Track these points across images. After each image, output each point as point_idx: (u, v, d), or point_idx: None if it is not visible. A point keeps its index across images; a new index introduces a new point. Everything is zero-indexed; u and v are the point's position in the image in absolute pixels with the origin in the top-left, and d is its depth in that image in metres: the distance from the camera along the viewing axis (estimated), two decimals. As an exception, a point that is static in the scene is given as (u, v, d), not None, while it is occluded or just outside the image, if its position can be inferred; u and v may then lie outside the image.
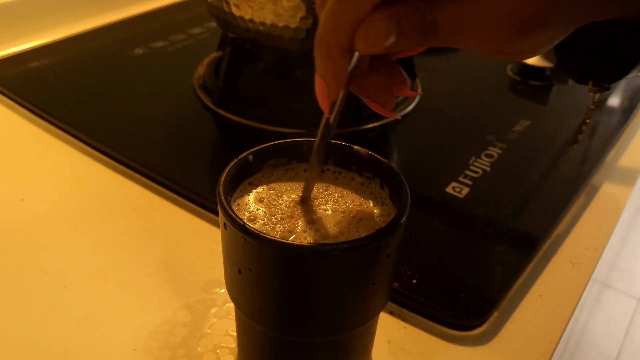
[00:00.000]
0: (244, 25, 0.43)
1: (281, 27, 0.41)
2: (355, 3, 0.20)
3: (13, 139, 0.46)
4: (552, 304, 0.34)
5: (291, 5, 0.40)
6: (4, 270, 0.34)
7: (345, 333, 0.25)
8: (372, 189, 0.26)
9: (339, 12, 0.21)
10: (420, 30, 0.21)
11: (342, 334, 0.25)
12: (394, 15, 0.20)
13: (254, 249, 0.22)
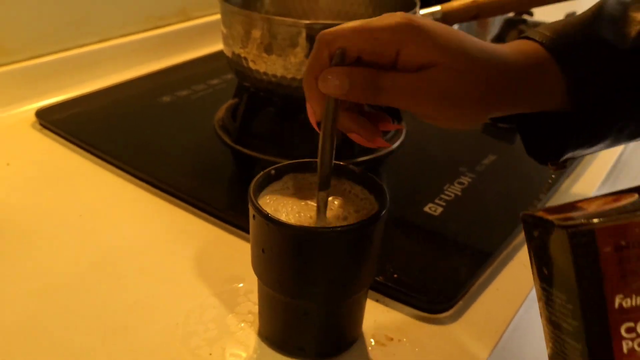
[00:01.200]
0: (259, 77, 0.53)
1: (289, 78, 0.51)
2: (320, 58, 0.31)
3: (63, 168, 0.56)
4: (506, 295, 0.43)
5: (297, 61, 0.50)
6: (76, 268, 0.43)
7: (342, 300, 0.34)
8: (363, 195, 0.36)
9: (311, 61, 0.31)
10: (368, 85, 0.31)
11: (339, 300, 0.34)
12: (348, 70, 0.30)
13: (274, 232, 0.31)
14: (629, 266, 0.21)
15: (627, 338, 0.22)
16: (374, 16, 0.33)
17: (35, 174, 0.55)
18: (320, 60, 0.31)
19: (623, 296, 0.22)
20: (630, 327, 0.22)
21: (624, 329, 0.22)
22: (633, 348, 0.22)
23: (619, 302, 0.22)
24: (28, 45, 0.68)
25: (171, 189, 0.51)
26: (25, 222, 0.47)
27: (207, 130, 0.61)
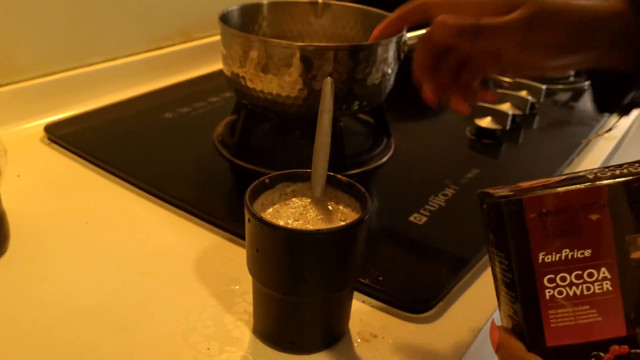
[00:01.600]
0: (256, 94, 0.57)
1: (284, 96, 0.55)
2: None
3: (70, 180, 0.59)
4: (483, 298, 0.46)
5: (291, 80, 0.54)
6: (83, 270, 0.46)
7: (327, 296, 0.37)
8: (348, 201, 0.39)
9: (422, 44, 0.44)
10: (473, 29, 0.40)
11: (326, 296, 0.37)
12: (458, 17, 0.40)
13: (267, 233, 0.34)
14: (550, 229, 0.26)
15: (549, 287, 0.27)
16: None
17: (44, 184, 0.58)
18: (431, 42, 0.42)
19: (545, 253, 0.27)
20: (551, 278, 0.27)
21: (546, 279, 0.27)
22: (553, 295, 0.27)
23: (542, 258, 0.27)
24: (39, 63, 0.72)
25: (173, 199, 0.55)
26: (36, 229, 0.51)
27: (206, 145, 0.65)
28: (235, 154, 0.61)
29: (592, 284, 0.27)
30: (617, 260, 0.27)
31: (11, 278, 0.45)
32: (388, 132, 0.67)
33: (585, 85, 0.93)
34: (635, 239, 0.27)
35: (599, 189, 0.26)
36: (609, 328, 0.27)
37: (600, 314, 0.27)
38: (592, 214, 0.26)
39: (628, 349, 0.27)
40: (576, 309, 0.27)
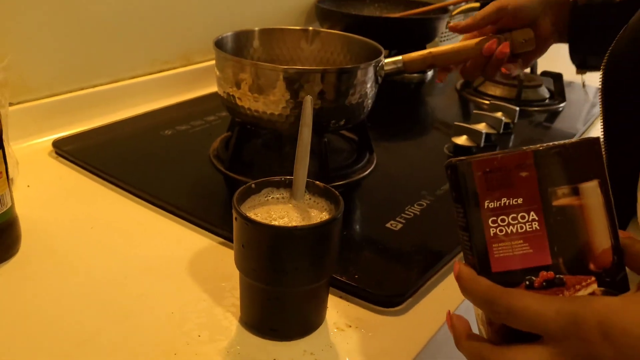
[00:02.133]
0: (244, 112, 0.63)
1: (269, 113, 0.61)
2: None
3: (76, 189, 0.64)
4: (451, 295, 0.51)
5: (275, 99, 0.60)
6: (89, 268, 0.51)
7: (305, 286, 0.42)
8: (324, 204, 0.44)
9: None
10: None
11: (304, 286, 0.42)
12: None
13: (251, 230, 0.40)
14: (492, 183, 0.34)
15: (492, 227, 0.34)
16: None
17: (52, 194, 0.63)
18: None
19: (489, 201, 0.34)
20: (494, 219, 0.34)
21: (490, 221, 0.34)
22: (496, 232, 0.34)
23: (487, 204, 0.34)
24: (48, 84, 0.78)
25: (170, 206, 0.60)
26: (44, 233, 0.56)
27: (203, 159, 0.70)
28: (228, 167, 0.67)
29: (524, 224, 0.34)
30: (542, 206, 0.34)
31: (23, 275, 0.50)
32: (371, 149, 0.73)
33: (560, 108, 0.99)
34: (555, 190, 0.34)
35: (527, 153, 0.34)
36: (538, 258, 0.34)
37: (531, 247, 0.34)
38: (522, 172, 0.34)
39: (553, 274, 0.34)
40: (513, 243, 0.34)
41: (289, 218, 0.42)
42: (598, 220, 0.34)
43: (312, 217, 0.43)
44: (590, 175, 0.34)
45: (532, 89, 1.00)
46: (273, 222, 0.42)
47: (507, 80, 1.01)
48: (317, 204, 0.44)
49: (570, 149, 0.34)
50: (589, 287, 0.34)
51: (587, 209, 0.34)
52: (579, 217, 0.34)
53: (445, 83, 1.14)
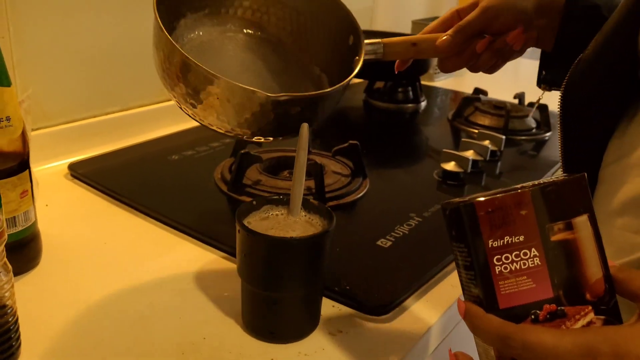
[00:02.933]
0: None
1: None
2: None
3: (90, 209, 0.69)
4: (434, 306, 0.55)
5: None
6: (103, 280, 0.56)
7: (301, 292, 0.46)
8: (318, 220, 0.49)
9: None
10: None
11: (299, 292, 0.46)
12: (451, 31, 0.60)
13: (252, 240, 0.44)
14: (494, 222, 0.36)
15: (497, 264, 0.36)
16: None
17: (68, 213, 0.68)
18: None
19: (493, 240, 0.36)
20: (498, 257, 0.36)
21: (495, 259, 0.36)
22: (501, 270, 0.36)
23: (491, 244, 0.36)
24: (64, 112, 0.84)
25: (178, 224, 0.65)
26: (62, 247, 0.60)
27: (208, 182, 0.75)
28: (231, 188, 0.72)
29: (526, 260, 0.36)
30: (542, 242, 0.36)
31: (43, 285, 0.54)
32: (364, 174, 0.78)
33: (546, 137, 1.05)
34: (552, 226, 0.36)
35: (524, 193, 0.36)
36: (541, 292, 0.36)
37: (534, 282, 0.36)
38: (521, 210, 0.36)
39: (556, 306, 0.36)
40: (517, 279, 0.36)
41: (286, 231, 0.47)
42: (590, 251, 0.36)
43: (307, 231, 0.48)
44: (581, 210, 0.36)
45: (519, 119, 1.06)
46: (272, 233, 0.46)
47: (495, 111, 1.07)
48: (312, 220, 0.49)
49: (561, 186, 0.36)
50: (587, 316, 0.36)
51: (581, 242, 0.36)
52: (574, 250, 0.36)
53: (438, 114, 1.20)
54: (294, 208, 0.49)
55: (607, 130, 0.48)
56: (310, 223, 0.49)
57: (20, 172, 0.53)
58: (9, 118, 0.50)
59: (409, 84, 1.20)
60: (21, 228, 0.54)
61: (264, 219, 0.49)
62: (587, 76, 0.48)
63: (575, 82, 0.49)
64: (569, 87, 0.50)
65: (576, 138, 0.51)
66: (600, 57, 0.48)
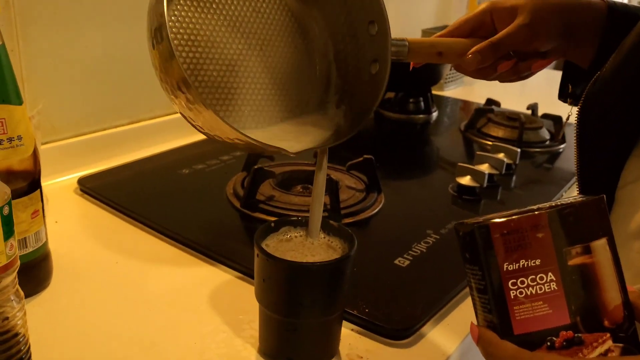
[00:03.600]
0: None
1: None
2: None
3: (100, 225, 0.68)
4: (454, 330, 0.54)
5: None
6: (115, 300, 0.54)
7: (322, 318, 0.45)
8: (338, 243, 0.48)
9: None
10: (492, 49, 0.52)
11: (319, 319, 0.45)
12: (477, 48, 0.52)
13: (272, 265, 0.43)
14: (510, 245, 0.35)
15: (512, 289, 0.35)
16: None
17: (78, 230, 0.67)
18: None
19: (508, 263, 0.35)
20: (513, 282, 0.35)
21: (510, 283, 0.35)
22: (516, 295, 0.35)
23: (506, 267, 0.35)
24: (73, 125, 0.83)
25: (190, 242, 0.64)
26: (73, 266, 0.59)
27: (220, 197, 0.74)
28: (244, 204, 0.70)
29: (542, 285, 0.35)
30: (559, 266, 0.35)
31: (53, 308, 0.53)
32: (379, 189, 0.77)
33: (560, 149, 1.03)
34: (570, 250, 0.35)
35: (541, 215, 0.35)
36: (558, 318, 0.35)
37: (550, 307, 0.35)
38: (538, 233, 0.35)
39: (572, 333, 0.35)
40: (533, 304, 0.35)
41: (305, 255, 0.46)
42: (609, 276, 0.35)
43: (327, 254, 0.46)
44: (600, 233, 0.35)
45: (533, 131, 1.05)
46: (292, 257, 0.45)
47: (508, 123, 1.06)
48: (331, 243, 0.48)
49: (579, 208, 0.35)
50: (605, 343, 0.35)
51: (599, 267, 0.35)
52: (592, 275, 0.35)
53: (450, 124, 1.18)
54: (313, 230, 0.47)
55: (625, 150, 0.47)
56: (331, 245, 0.48)
57: (32, 192, 0.51)
58: (21, 137, 0.49)
59: (420, 94, 1.19)
60: (32, 249, 0.52)
61: (283, 241, 0.48)
62: (604, 95, 0.47)
63: (592, 100, 0.48)
64: (585, 106, 0.49)
65: (593, 157, 0.49)
66: (618, 76, 0.47)
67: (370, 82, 0.52)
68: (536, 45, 0.53)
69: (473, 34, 0.56)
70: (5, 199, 0.38)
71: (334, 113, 0.54)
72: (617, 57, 0.47)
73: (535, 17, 0.51)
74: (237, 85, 0.50)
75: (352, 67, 0.54)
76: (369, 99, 0.51)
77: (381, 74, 0.51)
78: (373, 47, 0.52)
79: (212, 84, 0.49)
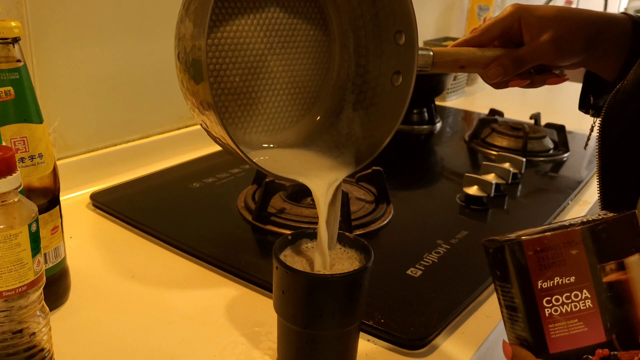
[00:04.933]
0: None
1: None
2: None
3: (114, 239, 0.69)
4: (470, 338, 0.54)
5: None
6: (133, 314, 0.55)
7: (341, 329, 0.46)
8: (354, 254, 0.49)
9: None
10: (513, 62, 0.52)
11: (338, 330, 0.46)
12: (498, 61, 0.52)
13: (291, 278, 0.44)
14: (544, 262, 0.35)
15: (547, 307, 0.35)
16: None
17: (93, 244, 0.68)
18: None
19: (542, 280, 0.35)
20: (548, 299, 0.35)
21: (544, 301, 0.35)
22: (551, 313, 0.35)
23: (540, 285, 0.35)
24: (85, 141, 0.84)
25: (204, 255, 0.64)
26: (90, 281, 0.60)
27: (231, 210, 0.75)
28: (256, 217, 0.71)
29: (577, 302, 0.35)
30: (593, 283, 0.35)
31: (72, 323, 0.53)
32: (388, 199, 0.78)
33: (564, 158, 1.04)
34: (604, 267, 0.35)
35: (575, 231, 0.35)
36: (593, 336, 0.35)
37: (585, 325, 0.35)
38: (572, 250, 0.35)
39: (608, 351, 0.35)
40: (568, 322, 0.35)
41: (325, 265, 0.47)
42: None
43: (344, 265, 0.47)
44: (632, 249, 0.35)
45: (537, 140, 1.06)
46: (310, 269, 0.46)
47: (512, 132, 1.07)
48: (347, 254, 0.49)
49: (612, 225, 0.35)
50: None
51: (633, 283, 0.35)
52: (626, 291, 0.35)
53: (454, 135, 1.20)
54: (330, 242, 0.48)
55: None
56: (347, 257, 0.48)
57: (52, 209, 0.52)
58: (42, 155, 0.50)
59: (424, 105, 1.20)
60: (51, 265, 0.53)
61: (300, 253, 0.48)
62: (626, 107, 0.48)
63: (614, 112, 0.49)
64: (608, 118, 0.50)
65: (615, 169, 0.50)
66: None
67: (392, 92, 0.51)
68: (558, 62, 0.53)
69: (500, 39, 0.55)
70: (33, 216, 0.39)
71: (350, 116, 0.54)
72: (638, 70, 0.48)
73: (562, 34, 0.51)
74: (257, 89, 0.50)
75: (373, 67, 0.53)
76: (389, 113, 0.51)
77: (405, 86, 0.50)
78: (398, 56, 0.51)
79: (233, 90, 0.49)
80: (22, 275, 0.39)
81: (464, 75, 1.49)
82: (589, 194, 0.91)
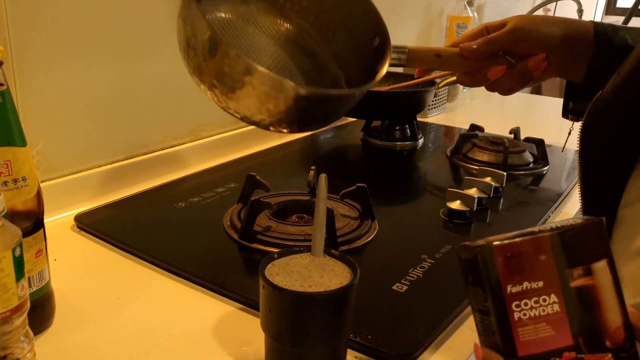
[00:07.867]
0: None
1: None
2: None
3: (99, 261, 0.68)
4: (456, 352, 0.55)
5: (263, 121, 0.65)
6: (118, 337, 0.54)
7: (328, 347, 0.46)
8: (341, 269, 0.49)
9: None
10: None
11: (327, 347, 0.46)
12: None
13: (278, 296, 0.44)
14: (513, 267, 0.35)
15: (516, 310, 0.35)
16: None
17: (78, 266, 0.67)
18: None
19: (512, 285, 0.35)
20: (517, 304, 0.35)
21: (514, 305, 0.35)
22: (520, 317, 0.35)
23: (509, 289, 0.35)
24: (69, 163, 0.84)
25: (190, 275, 0.64)
26: (74, 305, 0.59)
27: (217, 229, 0.75)
28: (242, 236, 0.72)
29: (546, 306, 0.36)
30: (561, 288, 0.36)
31: (57, 347, 0.53)
32: (372, 216, 0.79)
33: (544, 171, 1.06)
34: (572, 272, 0.36)
35: (544, 237, 0.36)
36: (561, 339, 0.36)
37: (553, 329, 0.36)
38: (540, 256, 0.36)
39: (575, 354, 0.36)
40: (537, 326, 0.35)
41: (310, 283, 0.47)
42: (610, 298, 0.36)
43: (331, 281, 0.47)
44: (600, 255, 0.36)
45: (517, 155, 1.08)
46: (297, 288, 0.46)
47: (493, 147, 1.09)
48: (334, 263, 0.49)
49: (580, 231, 0.36)
50: None
51: (600, 288, 0.36)
52: (593, 296, 0.36)
53: (436, 150, 1.21)
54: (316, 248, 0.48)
55: (627, 169, 0.49)
56: (334, 265, 0.49)
57: (36, 232, 0.52)
58: (25, 178, 0.50)
59: (406, 121, 1.21)
60: (36, 288, 0.53)
61: (287, 271, 0.49)
62: (605, 115, 0.50)
63: (594, 120, 0.51)
64: (587, 126, 0.51)
65: (596, 176, 0.51)
66: (619, 98, 0.49)
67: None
68: (528, 45, 0.59)
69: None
70: (16, 241, 0.39)
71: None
72: (617, 79, 0.50)
73: (522, 24, 0.59)
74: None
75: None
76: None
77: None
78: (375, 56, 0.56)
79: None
80: (5, 300, 0.39)
81: (444, 91, 1.52)
82: (570, 206, 0.93)
